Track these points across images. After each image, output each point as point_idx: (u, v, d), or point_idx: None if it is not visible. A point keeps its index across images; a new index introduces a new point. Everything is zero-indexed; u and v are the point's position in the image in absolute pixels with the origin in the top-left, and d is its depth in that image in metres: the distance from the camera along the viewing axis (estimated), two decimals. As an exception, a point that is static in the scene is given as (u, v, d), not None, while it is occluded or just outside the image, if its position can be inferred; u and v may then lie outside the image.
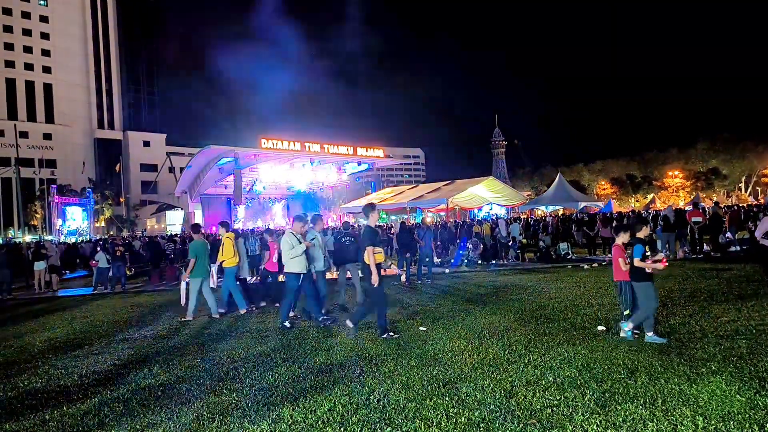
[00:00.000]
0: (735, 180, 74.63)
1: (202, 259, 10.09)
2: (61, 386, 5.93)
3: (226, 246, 10.41)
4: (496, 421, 4.19)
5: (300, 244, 8.62)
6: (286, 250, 8.61)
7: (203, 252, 10.15)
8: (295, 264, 8.61)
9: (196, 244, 10.27)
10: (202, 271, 10.09)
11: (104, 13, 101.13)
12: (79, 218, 50.45)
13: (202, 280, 10.10)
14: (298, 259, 8.61)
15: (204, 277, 10.13)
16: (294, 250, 8.54)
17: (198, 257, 10.02)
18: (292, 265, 8.63)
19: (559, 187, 48.10)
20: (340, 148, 46.03)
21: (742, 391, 4.51)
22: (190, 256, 10.11)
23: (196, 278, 10.05)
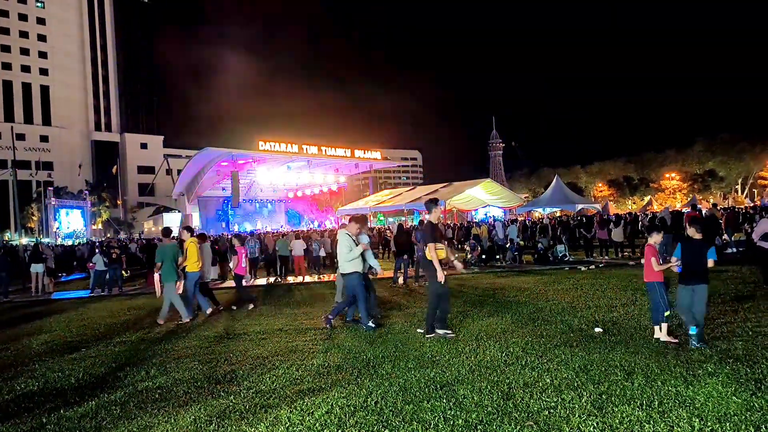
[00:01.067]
0: (732, 182, 74.83)
1: (171, 262, 9.97)
2: (58, 389, 5.92)
3: (190, 250, 10.30)
4: (494, 423, 4.19)
5: (357, 245, 8.50)
6: (344, 252, 8.47)
7: (172, 256, 10.03)
8: (353, 265, 8.48)
9: (165, 247, 10.14)
10: (174, 274, 9.98)
11: (101, 15, 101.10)
12: (75, 220, 50.36)
13: (174, 284, 9.99)
14: (357, 260, 8.49)
15: (174, 280, 10.00)
16: (352, 252, 8.41)
17: (166, 260, 9.91)
18: (350, 266, 8.49)
19: (557, 188, 48.18)
20: (337, 150, 46.11)
21: (738, 393, 4.52)
22: (158, 259, 10.00)
23: (170, 282, 9.93)
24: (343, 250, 8.52)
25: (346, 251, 8.45)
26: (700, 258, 6.20)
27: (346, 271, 8.53)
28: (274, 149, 41.90)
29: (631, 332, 6.93)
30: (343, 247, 8.51)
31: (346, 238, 8.58)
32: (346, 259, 8.46)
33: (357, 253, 8.44)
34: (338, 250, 8.71)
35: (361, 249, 8.51)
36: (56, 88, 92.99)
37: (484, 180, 47.79)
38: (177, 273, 10.05)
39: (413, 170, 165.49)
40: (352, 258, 8.43)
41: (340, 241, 8.64)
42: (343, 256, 8.50)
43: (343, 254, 8.52)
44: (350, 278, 8.54)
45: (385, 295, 12.26)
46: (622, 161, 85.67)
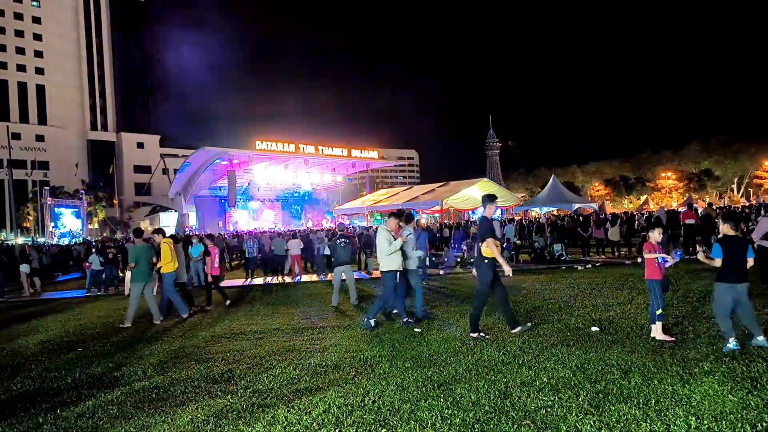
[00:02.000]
0: (727, 181, 75.15)
1: (144, 263, 9.92)
2: (55, 389, 5.91)
3: (163, 251, 10.25)
4: (491, 422, 4.20)
5: (396, 240, 8.39)
6: (384, 247, 8.35)
7: (145, 256, 9.98)
8: (391, 262, 8.38)
9: (137, 248, 10.08)
10: (145, 275, 9.91)
11: (97, 14, 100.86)
12: (72, 220, 50.21)
13: (145, 285, 9.92)
14: (395, 257, 8.40)
15: (147, 281, 9.95)
16: (391, 247, 8.29)
17: (139, 262, 9.85)
18: (388, 263, 8.40)
19: (553, 188, 48.16)
20: (334, 149, 46.09)
21: (734, 391, 4.54)
22: (130, 260, 9.92)
23: (138, 283, 9.87)
24: (382, 245, 8.38)
25: (386, 246, 8.32)
26: (743, 255, 5.95)
27: (385, 268, 8.44)
28: (271, 149, 41.85)
29: (627, 331, 6.94)
30: (383, 243, 8.37)
31: (385, 233, 8.47)
32: (385, 254, 8.35)
33: (396, 248, 8.32)
34: (377, 246, 8.59)
35: (401, 243, 8.39)
36: (52, 88, 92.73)
37: (481, 179, 47.76)
38: (149, 275, 10.00)
39: (410, 170, 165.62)
40: (390, 252, 8.32)
41: (379, 237, 8.53)
42: (383, 251, 8.37)
43: (382, 250, 8.39)
44: (386, 276, 8.46)
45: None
46: (619, 161, 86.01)
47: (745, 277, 5.93)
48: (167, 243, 10.41)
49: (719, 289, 6.00)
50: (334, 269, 11.30)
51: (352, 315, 9.81)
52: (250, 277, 18.16)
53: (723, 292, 5.95)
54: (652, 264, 6.64)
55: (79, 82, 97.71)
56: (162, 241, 10.48)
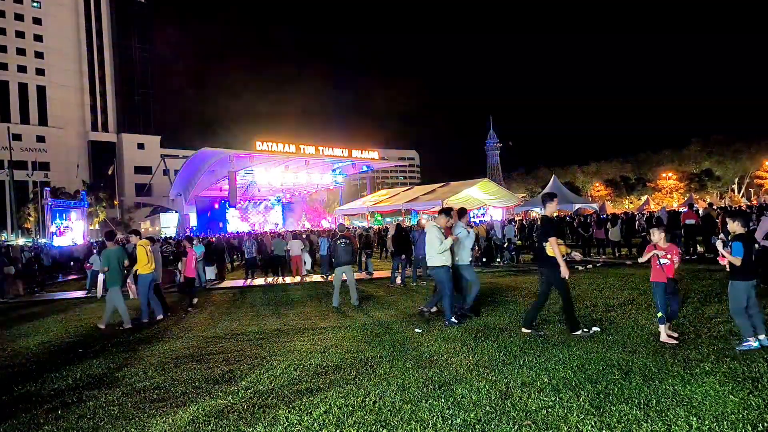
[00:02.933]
0: (728, 181, 75.09)
1: (115, 267, 9.90)
2: (56, 389, 5.91)
3: (139, 253, 10.28)
4: (492, 423, 4.20)
5: (447, 238, 8.33)
6: (435, 244, 8.26)
7: (115, 260, 9.96)
8: (442, 258, 8.30)
9: (110, 251, 10.05)
10: (118, 279, 9.91)
11: (98, 15, 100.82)
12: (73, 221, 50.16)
13: (119, 288, 9.93)
14: (446, 253, 8.32)
15: (119, 285, 9.95)
16: (442, 246, 8.22)
17: (111, 265, 9.82)
18: (439, 260, 8.31)
19: (554, 188, 48.18)
20: (334, 150, 46.07)
21: (735, 392, 4.54)
22: (103, 264, 9.88)
23: (115, 286, 9.85)
24: (433, 242, 8.29)
25: (437, 244, 8.23)
26: (753, 252, 5.92)
27: (435, 264, 8.35)
28: (272, 149, 41.86)
29: (628, 331, 6.93)
30: (433, 240, 8.29)
31: (435, 230, 8.38)
32: (437, 251, 8.26)
33: (447, 246, 8.25)
34: (427, 243, 8.48)
35: (451, 241, 8.34)
36: (53, 89, 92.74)
37: (481, 180, 47.71)
38: (122, 278, 10.04)
39: (410, 170, 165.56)
40: (442, 251, 8.24)
41: (429, 233, 8.44)
42: (433, 248, 8.29)
43: (433, 247, 8.29)
44: (438, 272, 8.37)
45: (382, 296, 12.28)
46: (619, 161, 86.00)
47: (757, 274, 6.00)
48: (143, 245, 10.44)
49: (739, 288, 5.90)
50: (335, 270, 11.31)
51: (352, 315, 9.80)
52: (251, 278, 18.17)
53: (742, 290, 5.88)
54: (654, 266, 6.62)
55: (79, 82, 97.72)
56: (138, 243, 10.53)
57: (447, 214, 8.81)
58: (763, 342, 5.77)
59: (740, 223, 6.04)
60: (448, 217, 8.75)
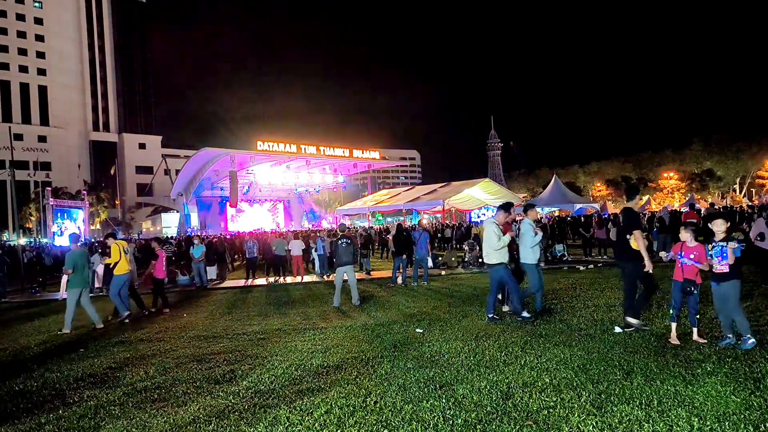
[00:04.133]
0: (729, 181, 74.93)
1: (81, 269, 9.91)
2: (57, 389, 5.91)
3: (113, 252, 10.55)
4: (493, 423, 4.19)
5: (505, 236, 8.17)
6: (493, 241, 8.10)
7: (82, 262, 9.97)
8: (499, 255, 8.15)
9: (74, 254, 10.02)
10: (81, 281, 9.89)
11: (99, 15, 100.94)
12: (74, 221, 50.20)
13: (81, 291, 9.89)
14: (503, 251, 8.17)
15: (83, 287, 9.93)
16: (501, 242, 8.05)
17: (76, 268, 9.81)
18: (495, 257, 8.16)
19: (555, 188, 48.24)
20: (336, 150, 46.08)
21: (737, 392, 4.53)
22: (67, 266, 9.85)
23: (75, 289, 9.83)
24: (491, 239, 8.12)
25: (495, 240, 8.07)
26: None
27: (492, 262, 8.20)
28: (273, 149, 41.87)
29: (630, 332, 6.92)
30: (491, 236, 8.12)
31: (493, 226, 8.22)
32: (494, 248, 8.11)
33: (505, 243, 8.10)
34: (485, 240, 8.30)
35: (509, 238, 8.19)
36: (54, 89, 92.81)
37: (482, 180, 47.74)
38: (86, 281, 10.04)
39: (411, 170, 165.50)
40: (499, 247, 8.08)
41: (487, 230, 8.26)
42: (491, 245, 8.13)
43: (491, 243, 8.13)
44: (496, 269, 8.22)
45: (383, 296, 12.27)
46: (620, 161, 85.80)
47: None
48: (118, 244, 10.69)
49: (738, 287, 6.02)
50: (336, 270, 11.30)
51: (353, 315, 9.80)
52: (252, 278, 18.17)
53: (740, 289, 6.01)
54: (677, 264, 6.57)
55: (81, 82, 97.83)
56: (113, 242, 10.80)
57: (507, 210, 8.64)
58: (731, 341, 5.96)
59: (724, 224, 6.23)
60: (507, 214, 8.58)
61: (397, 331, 7.96)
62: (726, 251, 5.98)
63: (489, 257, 8.29)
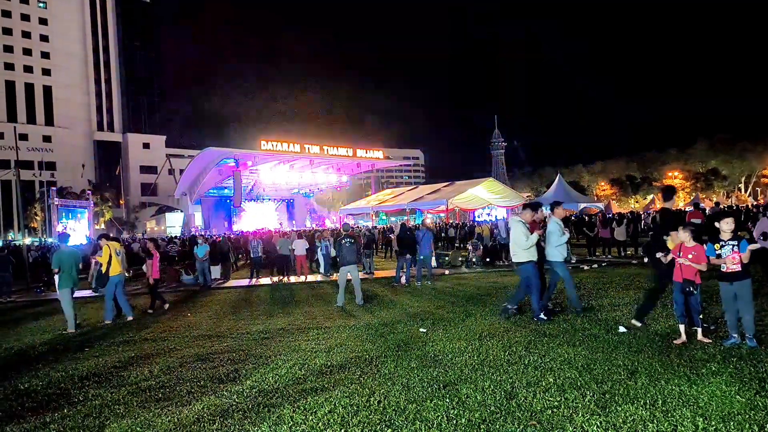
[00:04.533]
0: (735, 181, 74.65)
1: (70, 269, 9.92)
2: (62, 388, 5.93)
3: (104, 252, 10.64)
4: (497, 423, 4.19)
5: (533, 235, 8.07)
6: (521, 240, 8.01)
7: (70, 262, 9.97)
8: (528, 254, 8.03)
9: (61, 253, 10.06)
10: (69, 281, 9.92)
11: (104, 15, 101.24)
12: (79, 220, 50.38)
13: (72, 290, 9.96)
14: (532, 249, 8.04)
15: (72, 286, 9.97)
16: (529, 241, 7.95)
17: (63, 267, 9.83)
18: (524, 255, 8.04)
19: (559, 187, 48.21)
20: (339, 149, 46.11)
21: (742, 392, 4.51)
22: (54, 266, 9.89)
23: (64, 289, 9.87)
24: (519, 238, 8.03)
25: (523, 239, 7.98)
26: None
27: (521, 260, 8.10)
28: (277, 149, 41.93)
29: (634, 331, 6.91)
30: (519, 235, 8.04)
31: (521, 225, 8.13)
32: (522, 247, 8.01)
33: (533, 242, 8.00)
34: (513, 239, 8.22)
35: (537, 237, 8.09)
36: (59, 89, 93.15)
37: (486, 179, 47.78)
38: (74, 280, 10.05)
39: (415, 169, 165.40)
40: (528, 246, 7.99)
41: (515, 229, 8.18)
42: (520, 244, 8.03)
43: (519, 242, 8.03)
44: (525, 268, 8.12)
45: (387, 295, 12.27)
46: (624, 160, 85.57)
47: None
48: (109, 245, 10.75)
49: (750, 285, 6.01)
50: (340, 269, 11.31)
51: (357, 315, 9.80)
52: (256, 277, 18.20)
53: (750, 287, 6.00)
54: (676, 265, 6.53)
55: (85, 82, 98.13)
56: (104, 243, 10.89)
57: (533, 208, 8.55)
58: (735, 341, 5.95)
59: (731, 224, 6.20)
60: (534, 212, 8.49)
61: (401, 331, 7.96)
62: (744, 249, 5.88)
63: (517, 256, 8.17)
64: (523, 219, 8.36)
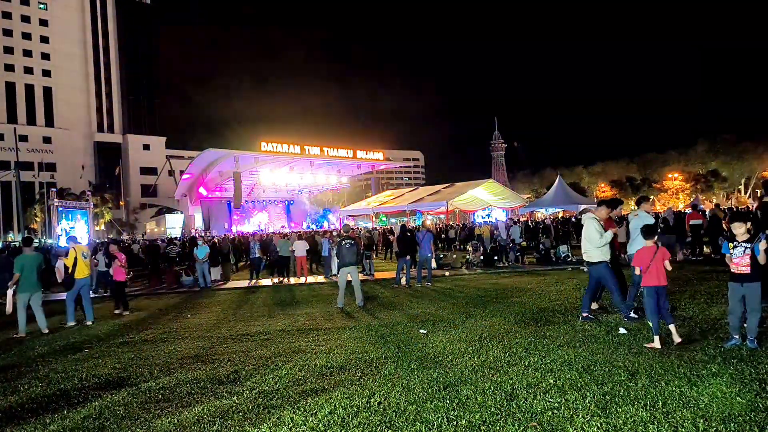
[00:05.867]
0: (735, 182, 74.65)
1: (30, 273, 9.83)
2: (62, 390, 5.93)
3: (69, 256, 10.65)
4: (497, 424, 4.19)
5: (607, 232, 7.72)
6: (595, 238, 7.66)
7: (30, 266, 9.87)
8: (601, 253, 7.70)
9: (23, 258, 9.98)
10: (29, 285, 9.81)
11: (104, 16, 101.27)
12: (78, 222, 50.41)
13: (30, 295, 9.84)
14: (605, 248, 7.71)
15: (32, 292, 9.87)
16: (603, 239, 7.62)
17: (24, 271, 9.75)
18: (597, 254, 7.71)
19: (559, 189, 48.10)
20: (339, 151, 46.10)
21: (742, 394, 4.51)
22: (15, 270, 9.79)
23: (24, 293, 9.77)
24: (593, 236, 7.68)
25: (596, 236, 7.64)
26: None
27: (593, 260, 7.75)
28: (277, 150, 41.92)
29: (634, 333, 6.91)
30: (593, 232, 7.69)
31: (594, 222, 7.80)
32: (596, 245, 7.66)
33: (607, 239, 7.65)
34: (585, 236, 7.84)
35: (612, 234, 7.74)
36: (59, 90, 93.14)
37: (486, 180, 47.74)
38: (36, 284, 9.96)
39: (415, 171, 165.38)
40: (602, 244, 7.64)
41: (588, 225, 7.82)
42: (593, 241, 7.68)
43: (592, 239, 7.68)
44: (597, 268, 7.77)
45: (387, 297, 12.27)
46: (625, 161, 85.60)
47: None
48: (75, 249, 10.78)
49: (759, 288, 5.89)
50: (340, 270, 11.30)
51: (357, 316, 9.80)
52: (256, 279, 18.19)
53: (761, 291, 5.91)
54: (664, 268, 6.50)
55: (85, 83, 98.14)
56: (71, 247, 10.91)
57: (610, 205, 8.26)
58: (736, 342, 5.95)
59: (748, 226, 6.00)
60: (610, 209, 8.22)
61: (401, 332, 7.96)
62: (758, 249, 5.76)
63: (589, 254, 7.83)
64: (598, 216, 8.01)
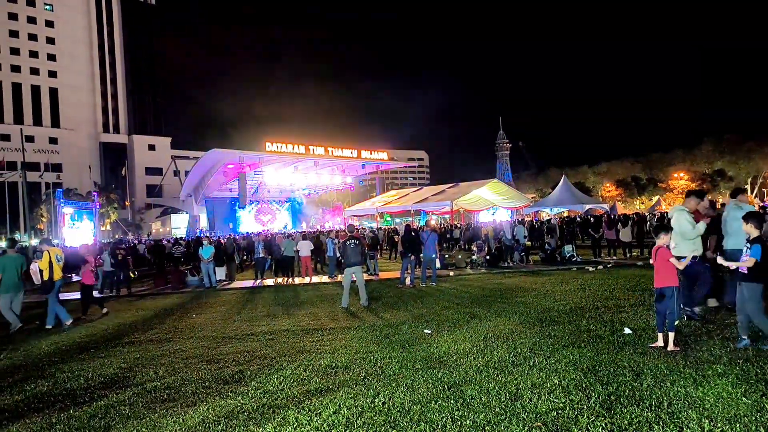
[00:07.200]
0: (741, 182, 74.24)
1: (11, 274, 9.90)
2: (68, 389, 5.96)
3: (44, 258, 10.68)
4: (502, 424, 4.18)
5: (699, 224, 7.34)
6: (687, 230, 7.28)
7: (12, 267, 9.95)
8: (691, 246, 7.33)
9: (5, 258, 10.03)
10: (9, 287, 9.90)
11: (109, 17, 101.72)
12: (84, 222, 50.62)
13: (13, 296, 9.96)
14: (696, 241, 7.37)
15: (12, 293, 9.96)
16: (695, 231, 7.25)
17: (5, 273, 9.80)
18: (688, 248, 7.27)
19: (564, 189, 47.93)
20: (344, 150, 46.20)
21: (748, 394, 4.49)
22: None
23: (6, 294, 9.87)
24: (684, 228, 7.30)
25: (689, 228, 7.27)
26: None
27: (683, 254, 7.13)
28: (281, 150, 42.02)
29: (639, 333, 6.88)
30: (684, 224, 7.31)
31: (685, 214, 7.45)
32: (688, 237, 7.30)
33: (700, 231, 7.29)
34: (677, 228, 7.37)
35: (704, 226, 7.35)
36: (65, 91, 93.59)
37: (490, 180, 47.59)
38: (15, 286, 10.02)
39: (420, 171, 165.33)
40: (695, 236, 7.29)
41: (678, 219, 7.44)
42: (685, 234, 7.30)
43: (685, 232, 7.30)
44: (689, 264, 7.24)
45: (391, 296, 12.26)
46: (630, 161, 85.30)
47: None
48: (49, 251, 10.83)
49: (757, 290, 5.80)
50: (344, 270, 11.31)
51: (362, 316, 9.80)
52: (260, 279, 18.22)
53: (759, 292, 5.80)
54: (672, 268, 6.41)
55: (91, 84, 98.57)
56: (45, 249, 10.94)
57: (698, 196, 7.99)
58: (746, 343, 5.89)
59: (753, 225, 5.94)
60: (699, 200, 7.97)
61: (406, 332, 7.96)
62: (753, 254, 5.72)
63: (679, 248, 7.31)
64: (688, 207, 7.69)
